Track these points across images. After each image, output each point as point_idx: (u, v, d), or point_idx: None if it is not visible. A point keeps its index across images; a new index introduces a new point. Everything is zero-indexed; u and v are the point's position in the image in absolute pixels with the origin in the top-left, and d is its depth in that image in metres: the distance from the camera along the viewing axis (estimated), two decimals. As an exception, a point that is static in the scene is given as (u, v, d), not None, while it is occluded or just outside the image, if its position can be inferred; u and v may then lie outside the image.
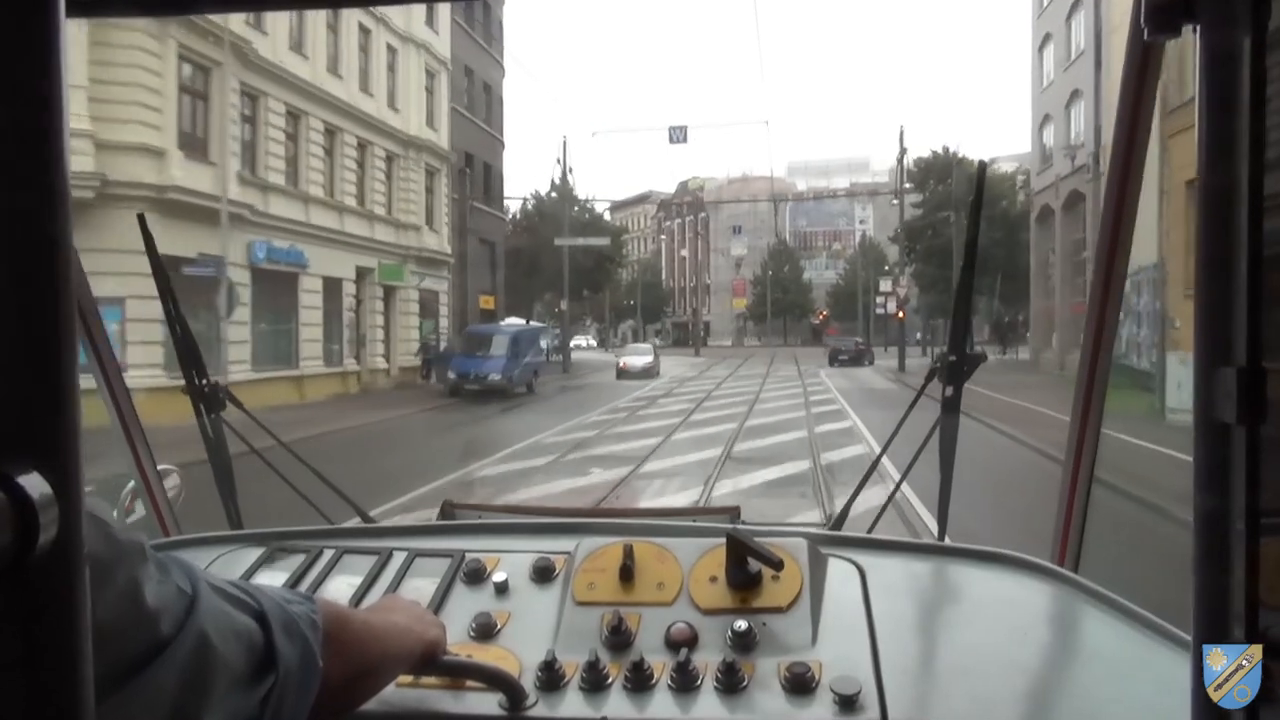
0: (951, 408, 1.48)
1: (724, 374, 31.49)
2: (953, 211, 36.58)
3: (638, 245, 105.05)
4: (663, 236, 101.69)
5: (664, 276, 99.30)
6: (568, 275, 34.54)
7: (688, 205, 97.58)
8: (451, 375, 23.66)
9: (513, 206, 41.70)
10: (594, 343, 72.20)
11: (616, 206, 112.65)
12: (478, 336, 25.56)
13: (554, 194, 38.15)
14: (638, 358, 34.09)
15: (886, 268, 72.11)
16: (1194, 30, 0.49)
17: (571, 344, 67.86)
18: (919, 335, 52.20)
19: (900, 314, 31.91)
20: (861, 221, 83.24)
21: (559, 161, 34.78)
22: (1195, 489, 0.47)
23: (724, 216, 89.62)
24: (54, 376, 0.37)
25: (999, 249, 32.15)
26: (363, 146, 25.04)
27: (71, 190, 0.37)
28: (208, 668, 0.60)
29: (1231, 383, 0.45)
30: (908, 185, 36.72)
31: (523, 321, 33.77)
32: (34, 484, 0.35)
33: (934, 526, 1.67)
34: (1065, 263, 28.54)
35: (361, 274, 24.46)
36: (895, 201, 35.76)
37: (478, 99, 34.29)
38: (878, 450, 1.72)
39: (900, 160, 35.04)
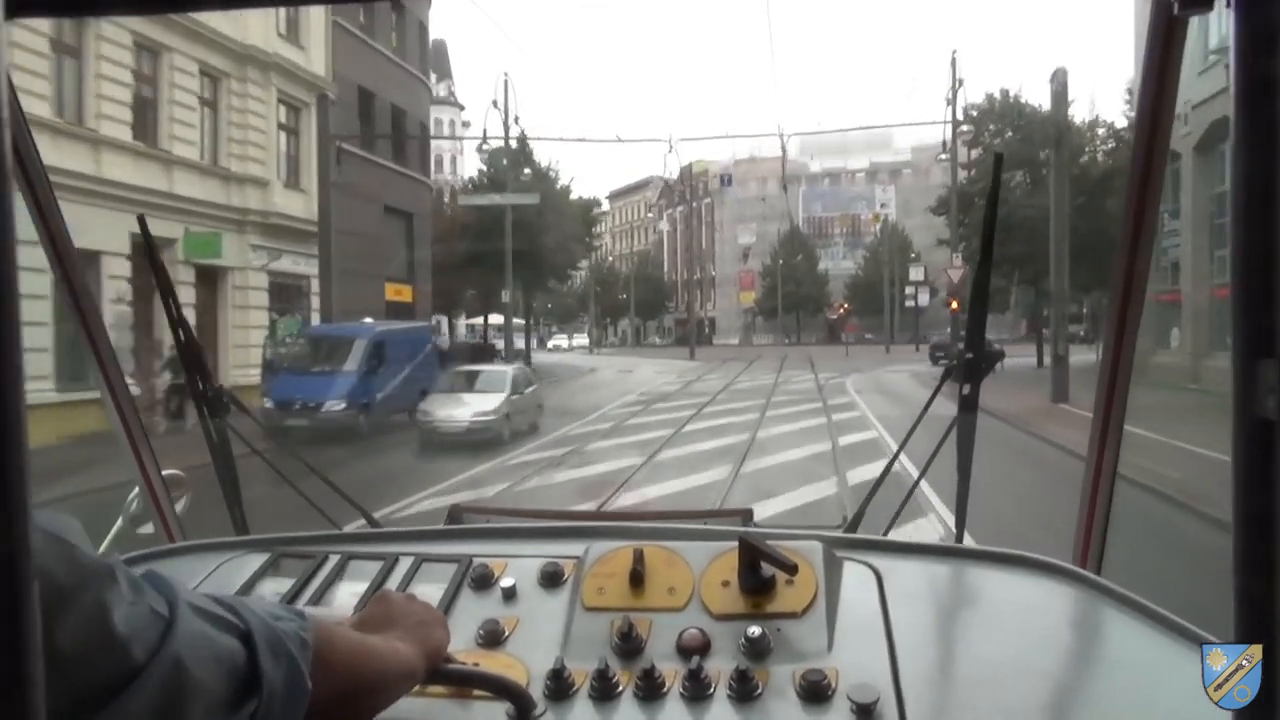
0: (969, 406, 1.44)
1: (715, 386, 23.16)
2: (1022, 171, 27.88)
3: (637, 235, 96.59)
4: (664, 225, 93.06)
5: (665, 269, 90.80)
6: (510, 255, 25.93)
7: (690, 190, 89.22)
8: (267, 403, 14.94)
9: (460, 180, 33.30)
10: (573, 344, 63.10)
11: (616, 194, 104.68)
12: (319, 342, 17.14)
13: (485, 148, 29.28)
14: (456, 408, 14.72)
15: (914, 254, 63.67)
16: (1228, 5, 0.46)
17: (551, 345, 60.72)
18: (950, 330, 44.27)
19: (954, 303, 23.28)
20: (883, 205, 74.35)
21: (497, 105, 26.04)
22: (1234, 487, 0.45)
23: (730, 202, 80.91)
24: None
25: (1083, 219, 23.42)
26: (152, 52, 16.62)
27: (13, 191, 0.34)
28: (182, 694, 0.58)
29: (1273, 376, 0.43)
30: (963, 129, 27.77)
31: (427, 322, 25.34)
32: None
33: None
34: (1199, 226, 19.88)
35: (158, 246, 15.90)
36: (944, 157, 27.00)
37: (409, 40, 25.98)
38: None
39: (952, 98, 26.29)
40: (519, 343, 32.70)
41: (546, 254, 30.85)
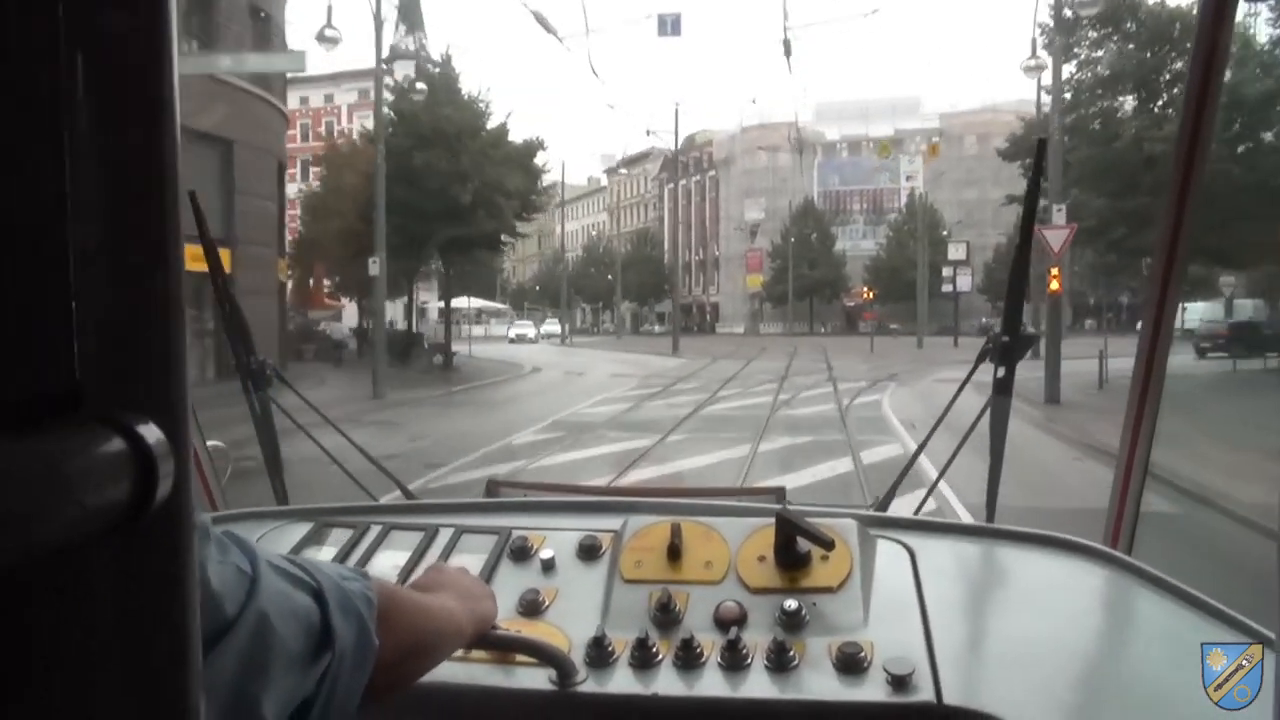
0: (1003, 389, 1.44)
1: (677, 412, 14.75)
2: (1136, 93, 19.27)
3: (638, 212, 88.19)
4: (665, 202, 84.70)
5: (666, 249, 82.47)
6: (382, 212, 17.66)
7: (693, 162, 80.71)
8: None
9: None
10: (543, 332, 54.48)
11: (614, 167, 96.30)
12: None
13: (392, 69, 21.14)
14: None
15: (945, 232, 54.98)
16: None
17: (513, 334, 48.60)
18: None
19: (1055, 281, 14.87)
20: (909, 177, 65.69)
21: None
22: None
23: (736, 173, 72.37)
24: (163, 329, 0.36)
25: (1233, 160, 15.00)
26: None
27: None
28: (267, 649, 0.60)
29: None
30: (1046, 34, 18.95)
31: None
32: (151, 434, 0.35)
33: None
34: None
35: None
36: (1033, 61, 18.33)
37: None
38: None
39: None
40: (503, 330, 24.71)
41: (465, 213, 22.47)
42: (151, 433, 0.35)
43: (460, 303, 66.36)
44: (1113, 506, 1.42)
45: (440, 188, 22.11)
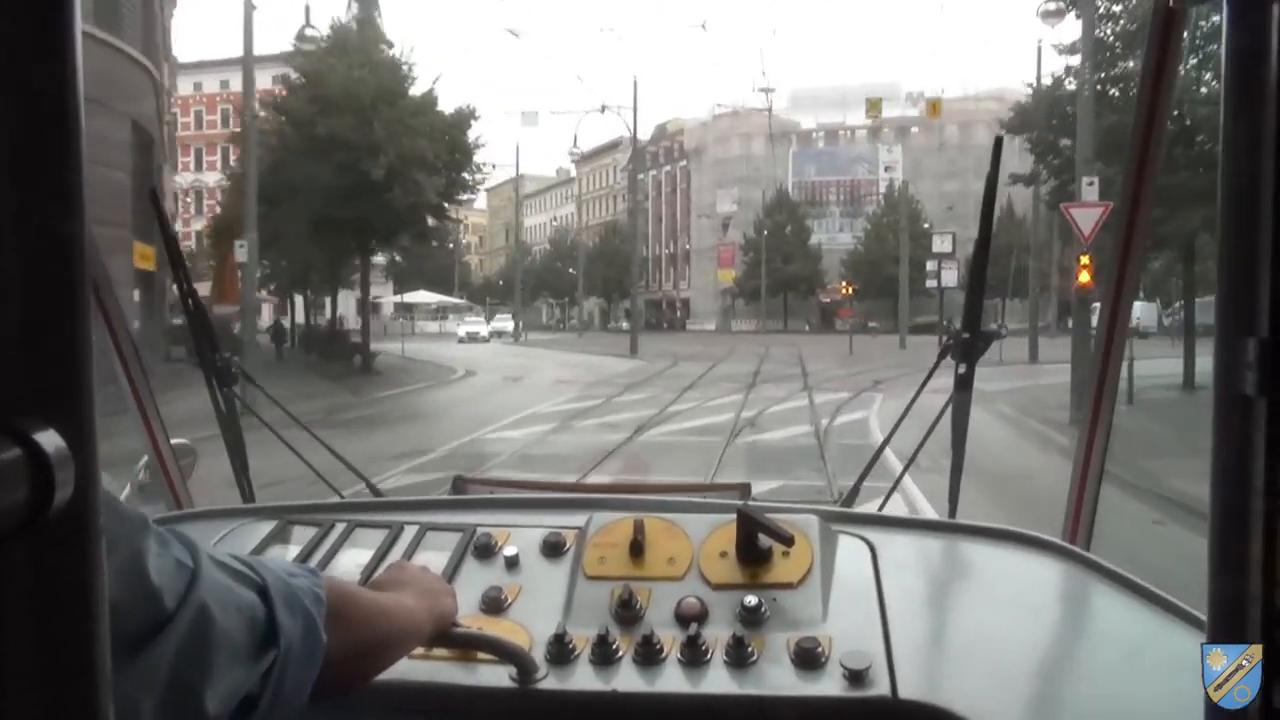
0: (964, 385, 1.47)
1: (619, 433, 11.63)
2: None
3: (607, 204, 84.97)
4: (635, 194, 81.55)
5: (636, 244, 79.34)
6: (256, 181, 14.39)
7: (664, 152, 77.52)
8: None
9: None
10: (495, 330, 50.73)
11: (584, 158, 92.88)
12: None
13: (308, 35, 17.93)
14: None
15: (927, 224, 52.19)
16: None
17: (463, 333, 42.91)
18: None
19: (1085, 272, 11.87)
20: (888, 167, 63.00)
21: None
22: (1213, 462, 0.47)
23: (708, 163, 69.31)
24: (68, 334, 0.36)
25: None
26: None
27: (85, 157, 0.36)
28: (208, 642, 0.60)
29: (1253, 354, 0.44)
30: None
31: None
32: (50, 441, 0.35)
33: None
34: None
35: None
36: (1052, 4, 15.20)
37: None
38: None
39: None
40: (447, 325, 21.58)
41: (378, 189, 19.16)
42: (50, 440, 0.34)
43: (417, 298, 63.65)
44: (1071, 502, 1.45)
45: (350, 161, 18.81)
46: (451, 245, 67.99)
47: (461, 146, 21.59)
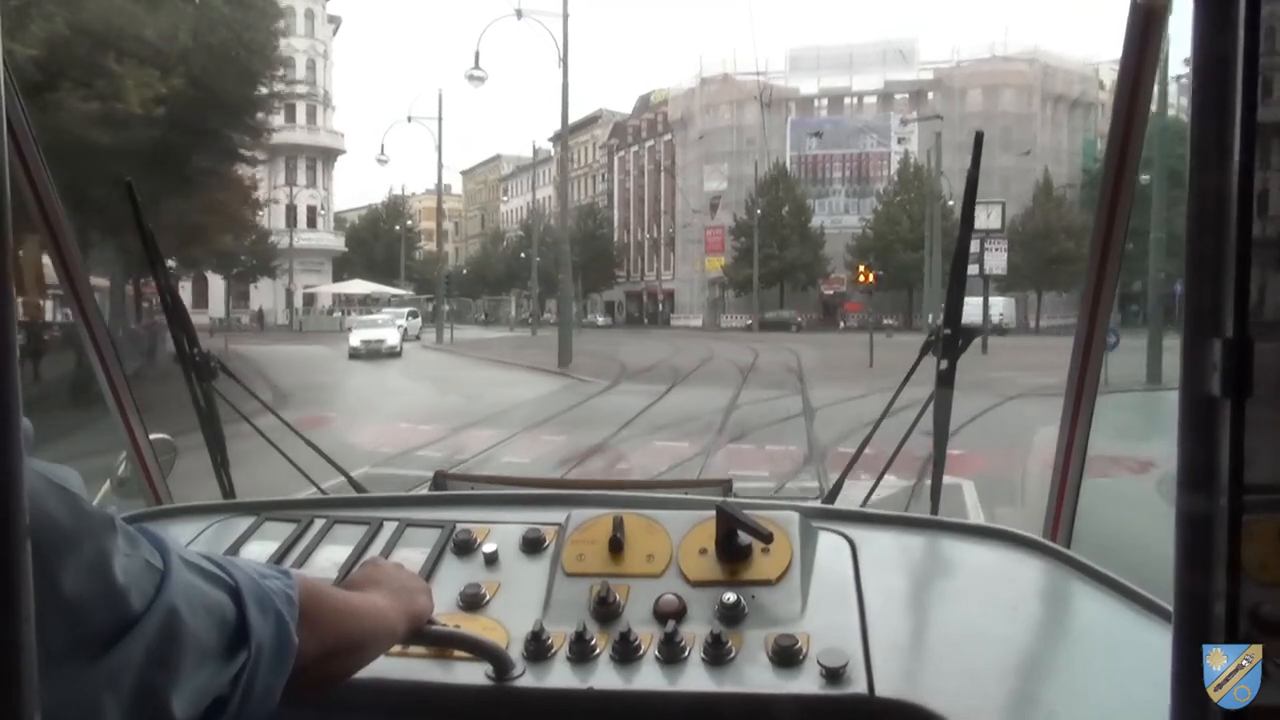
0: (946, 381, 1.47)
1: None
2: None
3: (585, 185, 76.43)
4: (616, 174, 72.80)
5: (617, 229, 70.70)
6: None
7: (646, 125, 68.82)
8: None
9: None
10: (409, 329, 40.60)
11: (560, 136, 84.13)
12: None
13: None
14: None
15: (949, 201, 43.67)
16: None
17: (357, 341, 25.05)
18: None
19: None
20: (901, 140, 54.43)
21: None
22: (1179, 462, 0.47)
23: (694, 135, 60.60)
24: None
25: None
26: None
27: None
28: (176, 644, 0.60)
29: (1218, 355, 0.45)
30: None
31: None
32: None
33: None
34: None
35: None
36: None
37: None
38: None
39: None
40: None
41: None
42: None
43: (349, 288, 55.32)
44: (1052, 500, 1.44)
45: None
46: (397, 228, 59.73)
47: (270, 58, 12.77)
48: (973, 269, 21.77)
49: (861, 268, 33.89)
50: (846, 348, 25.18)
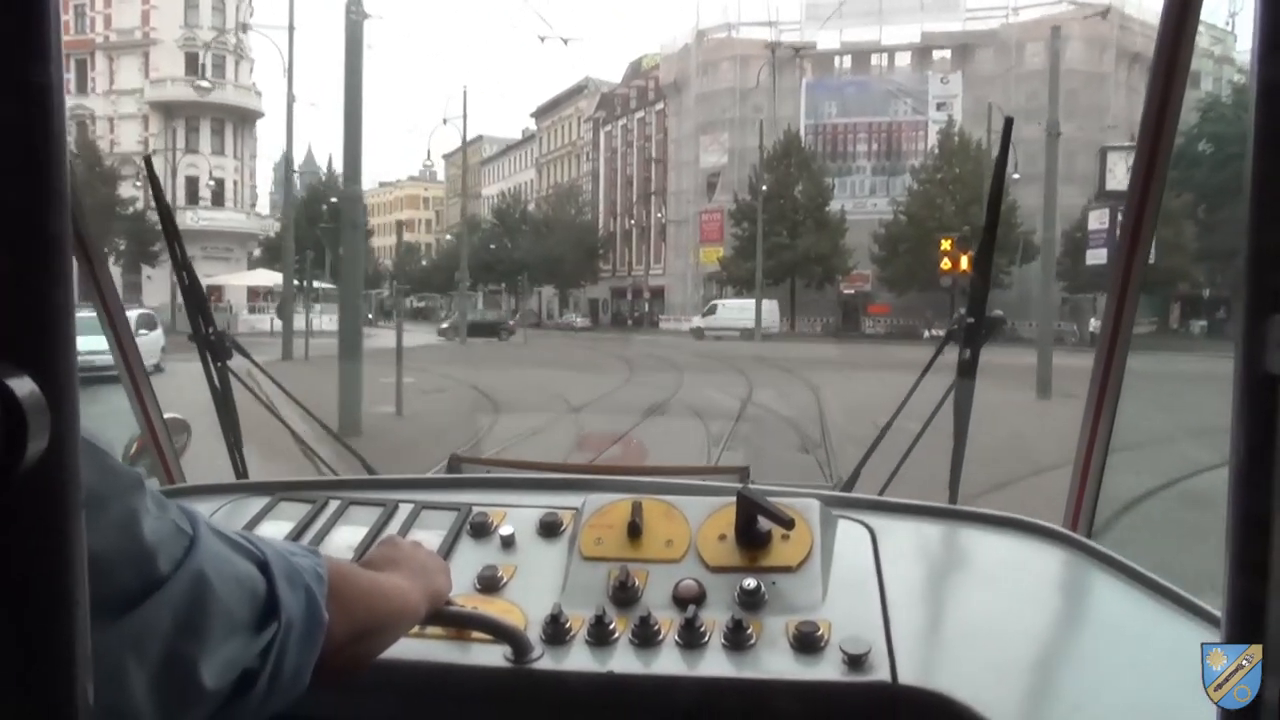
0: (967, 371, 1.47)
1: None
2: None
3: (569, 165, 66.52)
4: (603, 151, 62.83)
5: (602, 215, 60.85)
6: None
7: (637, 94, 58.93)
8: None
9: None
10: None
11: (542, 110, 74.22)
12: None
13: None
14: None
15: (1015, 175, 33.69)
16: None
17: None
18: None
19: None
20: (940, 104, 44.38)
21: None
22: (1233, 445, 0.45)
23: (690, 101, 50.55)
24: (49, 285, 0.35)
25: None
26: None
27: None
28: (205, 610, 0.59)
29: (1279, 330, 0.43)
30: None
31: None
32: (23, 387, 0.34)
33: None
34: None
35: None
36: None
37: None
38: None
39: None
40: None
41: None
42: (24, 385, 0.33)
43: (254, 278, 46.06)
44: (1073, 491, 1.44)
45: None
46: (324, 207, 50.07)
47: None
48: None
49: (945, 246, 24.14)
50: (883, 368, 15.15)
